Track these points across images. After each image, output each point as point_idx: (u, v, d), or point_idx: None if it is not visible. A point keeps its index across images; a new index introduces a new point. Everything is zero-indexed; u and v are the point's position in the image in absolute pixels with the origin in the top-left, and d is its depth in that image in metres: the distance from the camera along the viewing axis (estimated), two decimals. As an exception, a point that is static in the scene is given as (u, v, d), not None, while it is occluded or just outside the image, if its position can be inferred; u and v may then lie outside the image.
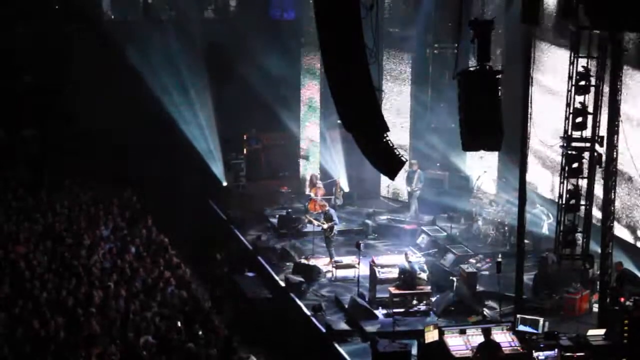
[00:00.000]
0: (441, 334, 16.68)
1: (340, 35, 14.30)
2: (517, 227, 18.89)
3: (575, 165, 18.71)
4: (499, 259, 19.90)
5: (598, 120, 18.69)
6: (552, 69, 22.23)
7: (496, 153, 23.18)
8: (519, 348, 16.48)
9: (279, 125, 28.55)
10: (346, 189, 26.64)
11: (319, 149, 27.32)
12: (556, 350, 16.48)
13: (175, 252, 21.88)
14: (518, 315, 17.79)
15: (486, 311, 19.35)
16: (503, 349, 16.27)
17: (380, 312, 19.46)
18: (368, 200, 26.69)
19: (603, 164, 18.30)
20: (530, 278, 19.94)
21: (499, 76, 15.26)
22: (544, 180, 23.48)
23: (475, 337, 16.52)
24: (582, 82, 18.44)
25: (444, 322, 18.56)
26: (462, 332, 16.71)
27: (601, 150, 18.36)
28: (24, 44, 29.01)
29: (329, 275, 21.68)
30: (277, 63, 28.00)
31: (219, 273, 22.52)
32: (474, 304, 19.54)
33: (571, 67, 18.60)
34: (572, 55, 18.49)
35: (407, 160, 16.85)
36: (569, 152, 18.74)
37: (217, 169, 27.95)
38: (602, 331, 17.06)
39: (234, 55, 28.77)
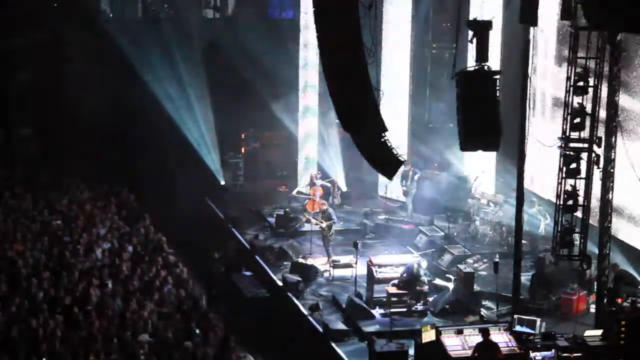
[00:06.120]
0: (438, 333, 16.69)
1: (338, 35, 14.31)
2: (515, 227, 18.88)
3: (573, 165, 18.69)
4: (497, 259, 19.93)
5: (596, 121, 18.67)
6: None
7: (494, 153, 23.18)
8: (516, 348, 16.49)
9: (277, 124, 28.55)
10: (344, 189, 26.65)
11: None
12: (553, 350, 16.48)
13: (173, 251, 21.88)
14: (515, 316, 17.79)
15: (483, 311, 19.36)
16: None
17: (377, 312, 19.47)
18: (366, 200, 26.70)
19: (601, 165, 18.31)
20: (527, 278, 19.94)
21: (498, 76, 15.26)
22: (541, 180, 23.46)
23: (472, 337, 16.52)
24: (580, 83, 18.42)
25: (441, 322, 18.57)
26: (459, 332, 16.72)
27: (599, 151, 18.36)
28: (22, 43, 28.99)
29: (326, 274, 21.68)
30: (275, 62, 28.00)
31: (217, 272, 22.51)
32: (471, 304, 19.54)
33: (569, 68, 18.58)
34: (571, 55, 18.47)
35: (405, 160, 16.89)
36: (567, 152, 18.71)
37: (215, 168, 27.96)
38: (599, 332, 17.05)
39: (232, 54, 28.76)
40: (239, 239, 24.35)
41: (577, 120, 18.42)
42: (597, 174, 18.40)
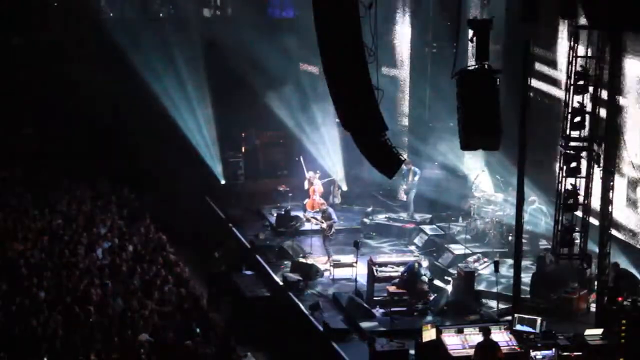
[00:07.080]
0: (439, 333, 16.69)
1: (338, 34, 14.30)
2: (515, 226, 18.88)
3: (573, 164, 18.70)
4: (497, 259, 19.91)
5: (596, 120, 18.67)
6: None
7: (495, 152, 23.15)
8: (516, 347, 16.49)
9: (278, 124, 28.54)
10: (344, 188, 26.64)
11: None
12: (554, 349, 16.48)
13: (173, 250, 21.88)
14: (516, 315, 17.78)
15: (484, 310, 19.35)
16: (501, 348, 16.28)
17: (378, 311, 19.47)
18: (366, 199, 26.69)
19: (601, 164, 18.30)
20: (528, 277, 19.93)
21: (498, 75, 15.25)
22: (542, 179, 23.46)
23: (473, 337, 16.52)
24: (581, 82, 18.42)
25: (442, 321, 18.56)
26: (460, 331, 16.72)
27: (599, 149, 18.36)
28: (22, 43, 28.99)
29: (327, 274, 21.68)
30: (275, 61, 27.99)
31: (217, 271, 22.51)
32: (471, 304, 19.54)
33: (569, 67, 18.58)
34: (571, 54, 18.46)
35: (405, 159, 16.88)
36: (567, 151, 18.72)
37: (216, 167, 27.95)
38: (599, 331, 17.07)
39: (232, 53, 28.76)
40: (239, 238, 24.34)
41: (578, 119, 18.44)
42: (597, 173, 18.42)
